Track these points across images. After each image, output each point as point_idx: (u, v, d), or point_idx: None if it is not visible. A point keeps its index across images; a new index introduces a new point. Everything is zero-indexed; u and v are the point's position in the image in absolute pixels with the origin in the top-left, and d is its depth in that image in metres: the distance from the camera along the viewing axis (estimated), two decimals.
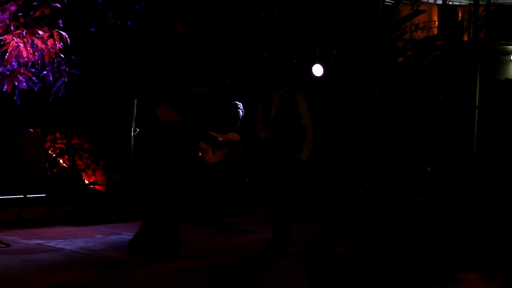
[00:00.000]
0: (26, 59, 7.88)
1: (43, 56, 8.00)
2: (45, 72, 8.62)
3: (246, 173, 9.43)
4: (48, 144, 10.23)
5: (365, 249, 2.58)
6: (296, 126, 7.07)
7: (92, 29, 9.34)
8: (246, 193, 9.54)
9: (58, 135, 10.49)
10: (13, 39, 7.79)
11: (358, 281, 2.40)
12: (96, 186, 10.41)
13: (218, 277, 5.70)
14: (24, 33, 7.86)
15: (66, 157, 10.44)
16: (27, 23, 8.02)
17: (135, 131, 8.78)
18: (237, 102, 9.53)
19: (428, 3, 16.18)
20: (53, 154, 10.35)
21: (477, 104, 15.52)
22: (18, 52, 7.81)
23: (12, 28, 7.88)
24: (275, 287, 5.41)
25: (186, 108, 5.99)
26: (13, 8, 7.92)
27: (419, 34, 14.90)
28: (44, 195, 9.08)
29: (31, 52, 7.87)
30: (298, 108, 7.07)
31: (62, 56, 8.36)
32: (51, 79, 8.65)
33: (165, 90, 5.90)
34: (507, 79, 15.36)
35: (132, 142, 8.76)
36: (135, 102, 8.83)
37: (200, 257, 6.52)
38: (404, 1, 14.41)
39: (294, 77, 7.33)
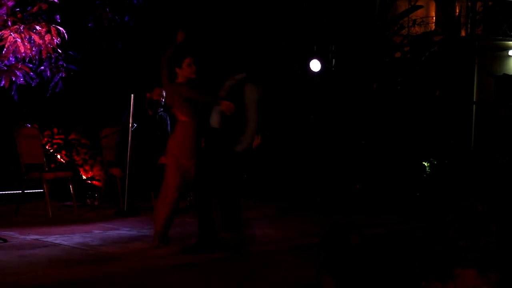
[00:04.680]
0: (23, 54, 7.86)
1: (40, 52, 7.98)
2: (42, 68, 8.60)
3: (244, 168, 9.39)
4: (45, 139, 10.22)
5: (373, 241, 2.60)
6: (243, 117, 6.53)
7: (89, 25, 9.32)
8: (244, 188, 9.52)
9: (55, 130, 10.48)
10: (11, 34, 7.77)
11: (370, 270, 2.42)
12: (94, 182, 10.41)
13: (216, 272, 5.71)
14: (21, 28, 7.84)
15: (63, 152, 10.44)
16: (25, 18, 8.00)
17: (132, 126, 8.77)
18: None
19: None
20: (50, 149, 10.34)
21: (474, 100, 15.55)
22: (16, 47, 7.79)
23: (9, 23, 7.86)
24: (275, 282, 5.41)
25: None
26: (10, 3, 7.90)
27: (417, 30, 14.93)
28: (41, 190, 9.07)
29: (28, 47, 7.85)
30: (244, 99, 6.50)
31: (60, 51, 8.35)
32: (48, 75, 8.63)
33: None
34: (505, 74, 15.40)
35: (130, 138, 8.74)
36: (132, 97, 8.82)
37: None
38: None
39: (255, 67, 6.77)
